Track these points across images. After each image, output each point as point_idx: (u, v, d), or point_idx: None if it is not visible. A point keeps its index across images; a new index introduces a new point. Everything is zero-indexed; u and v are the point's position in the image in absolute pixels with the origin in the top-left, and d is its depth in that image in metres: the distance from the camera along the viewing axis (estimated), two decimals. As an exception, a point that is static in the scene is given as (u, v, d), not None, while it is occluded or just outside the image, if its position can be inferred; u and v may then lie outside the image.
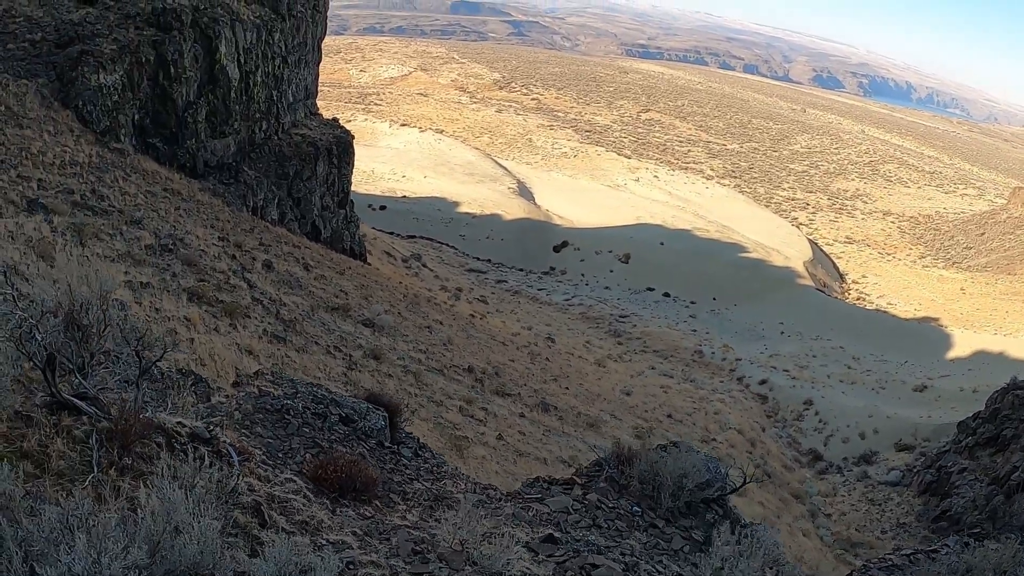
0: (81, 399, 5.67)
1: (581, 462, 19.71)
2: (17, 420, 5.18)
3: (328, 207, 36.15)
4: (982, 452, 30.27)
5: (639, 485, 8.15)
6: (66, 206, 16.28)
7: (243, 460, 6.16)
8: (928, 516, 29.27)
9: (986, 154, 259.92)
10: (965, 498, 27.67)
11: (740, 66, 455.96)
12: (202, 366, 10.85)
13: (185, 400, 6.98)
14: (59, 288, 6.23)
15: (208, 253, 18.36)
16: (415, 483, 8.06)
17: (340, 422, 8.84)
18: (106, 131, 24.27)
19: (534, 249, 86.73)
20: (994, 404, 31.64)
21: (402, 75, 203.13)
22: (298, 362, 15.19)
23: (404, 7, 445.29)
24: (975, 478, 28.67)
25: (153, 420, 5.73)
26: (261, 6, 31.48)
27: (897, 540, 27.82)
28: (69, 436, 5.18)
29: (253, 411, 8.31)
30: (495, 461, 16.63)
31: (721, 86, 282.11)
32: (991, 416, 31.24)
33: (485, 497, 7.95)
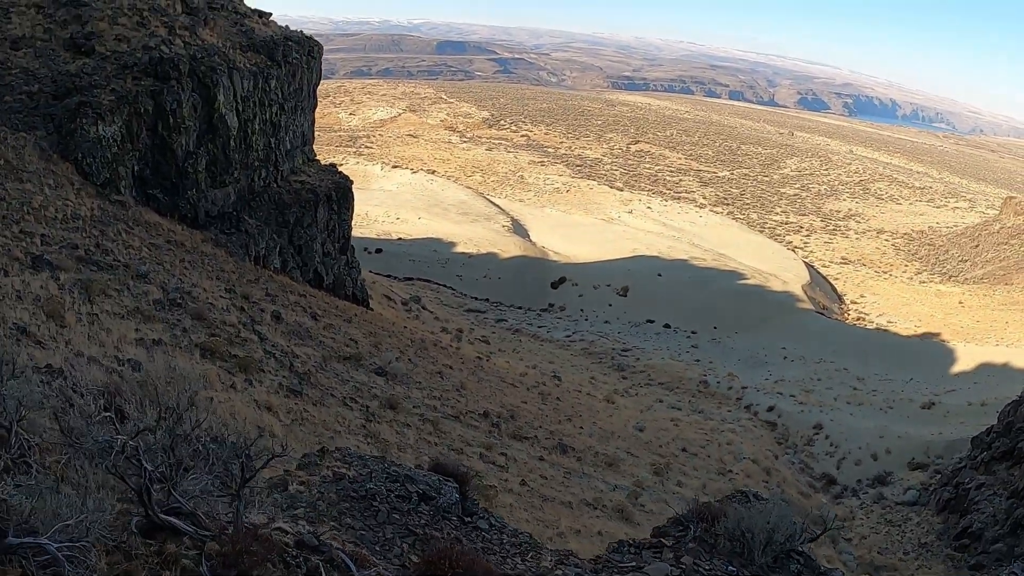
0: (176, 515, 5.09)
1: (605, 504, 19.21)
2: (116, 554, 4.59)
3: (330, 253, 35.81)
4: (998, 466, 29.87)
5: (728, 542, 8.01)
6: (71, 262, 15.93)
7: (360, 567, 5.58)
8: (949, 534, 28.74)
9: (974, 166, 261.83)
10: (985, 513, 27.20)
11: (726, 93, 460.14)
12: (224, 427, 10.38)
13: (259, 488, 6.40)
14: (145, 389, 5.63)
15: (216, 306, 18.00)
16: (510, 561, 7.57)
17: (421, 501, 8.34)
18: (106, 183, 23.97)
19: (532, 286, 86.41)
20: (1007, 417, 31.27)
21: (391, 117, 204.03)
22: (316, 416, 14.78)
23: (390, 49, 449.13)
24: (993, 493, 28.24)
25: (260, 533, 5.14)
26: (257, 54, 31.35)
27: (920, 560, 27.28)
28: (177, 566, 4.58)
29: (338, 500, 7.89)
30: (523, 508, 16.23)
31: (708, 114, 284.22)
32: (1005, 430, 30.85)
33: (581, 570, 7.46)
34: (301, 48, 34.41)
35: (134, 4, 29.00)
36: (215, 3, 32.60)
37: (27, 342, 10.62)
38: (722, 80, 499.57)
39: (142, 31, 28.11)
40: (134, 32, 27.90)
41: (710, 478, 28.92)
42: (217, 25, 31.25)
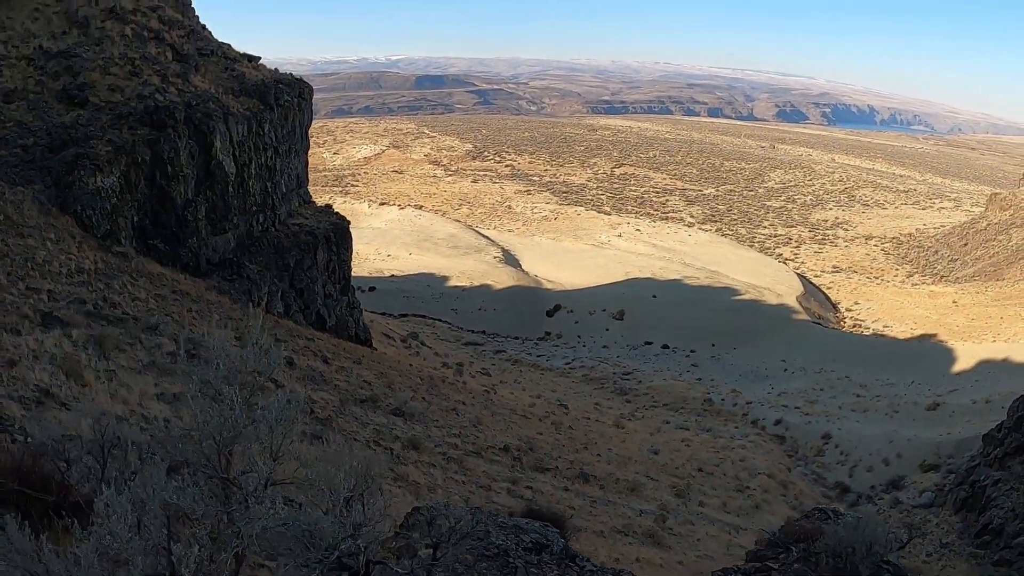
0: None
1: (635, 529, 18.97)
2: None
3: (331, 295, 35.52)
4: (1012, 461, 29.77)
5: (831, 559, 8.14)
6: (80, 317, 15.66)
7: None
8: (970, 533, 28.54)
9: (956, 165, 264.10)
10: (1004, 509, 27.01)
11: (704, 111, 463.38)
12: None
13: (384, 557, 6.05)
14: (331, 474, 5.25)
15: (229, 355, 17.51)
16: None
17: (540, 550, 8.05)
18: (107, 235, 23.68)
19: (527, 316, 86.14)
20: (1017, 412, 31.14)
21: (375, 154, 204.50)
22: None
23: (370, 87, 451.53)
24: (1010, 487, 28.10)
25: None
26: (249, 98, 31.18)
27: (944, 561, 27.04)
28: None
29: (474, 560, 7.64)
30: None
31: (689, 133, 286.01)
32: (1016, 425, 30.74)
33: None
34: (292, 90, 34.28)
35: (125, 53, 28.83)
36: (204, 49, 32.48)
37: (52, 404, 10.31)
38: (700, 98, 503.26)
39: (135, 80, 27.91)
40: (127, 81, 27.69)
41: (730, 496, 28.78)
42: (208, 71, 31.11)
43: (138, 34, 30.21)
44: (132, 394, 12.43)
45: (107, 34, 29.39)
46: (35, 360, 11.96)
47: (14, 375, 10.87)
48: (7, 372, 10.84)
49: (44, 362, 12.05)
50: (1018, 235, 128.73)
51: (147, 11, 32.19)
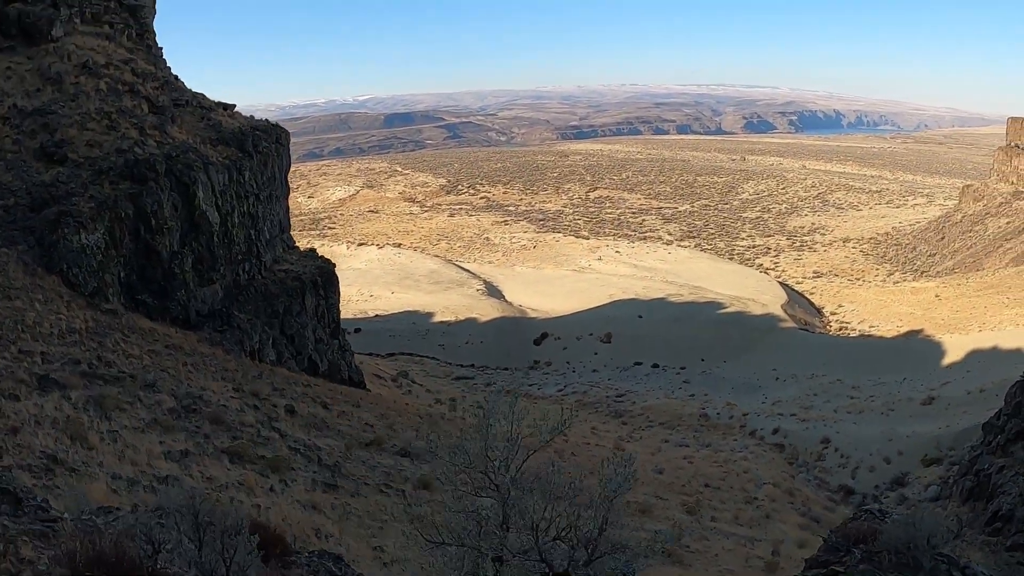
0: None
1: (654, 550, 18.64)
2: None
3: (322, 339, 35.17)
4: (1015, 447, 29.84)
5: (893, 556, 8.35)
6: (76, 378, 15.35)
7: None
8: (980, 521, 28.50)
9: (925, 161, 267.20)
10: (1012, 494, 27.01)
11: (673, 128, 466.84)
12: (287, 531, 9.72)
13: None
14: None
15: (230, 408, 17.42)
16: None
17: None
18: (95, 293, 23.31)
19: (514, 346, 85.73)
20: (1015, 399, 31.23)
21: (350, 195, 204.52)
22: (359, 508, 14.27)
23: (339, 128, 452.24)
24: (1016, 473, 28.15)
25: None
26: (227, 147, 30.96)
27: (957, 552, 26.69)
28: None
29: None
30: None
31: (660, 151, 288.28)
32: (1015, 411, 30.80)
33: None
34: (269, 136, 34.11)
35: (101, 108, 28.55)
36: (179, 100, 32.29)
37: (61, 471, 9.99)
38: (668, 116, 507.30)
39: (113, 134, 27.63)
40: (105, 136, 27.40)
41: (739, 508, 28.62)
42: (185, 122, 30.90)
43: (112, 88, 29.98)
44: (139, 454, 12.15)
45: (82, 89, 29.14)
46: (37, 426, 11.67)
47: (19, 443, 10.57)
48: (11, 440, 10.55)
49: (47, 427, 11.76)
50: (994, 224, 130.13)
51: (120, 64, 31.99)
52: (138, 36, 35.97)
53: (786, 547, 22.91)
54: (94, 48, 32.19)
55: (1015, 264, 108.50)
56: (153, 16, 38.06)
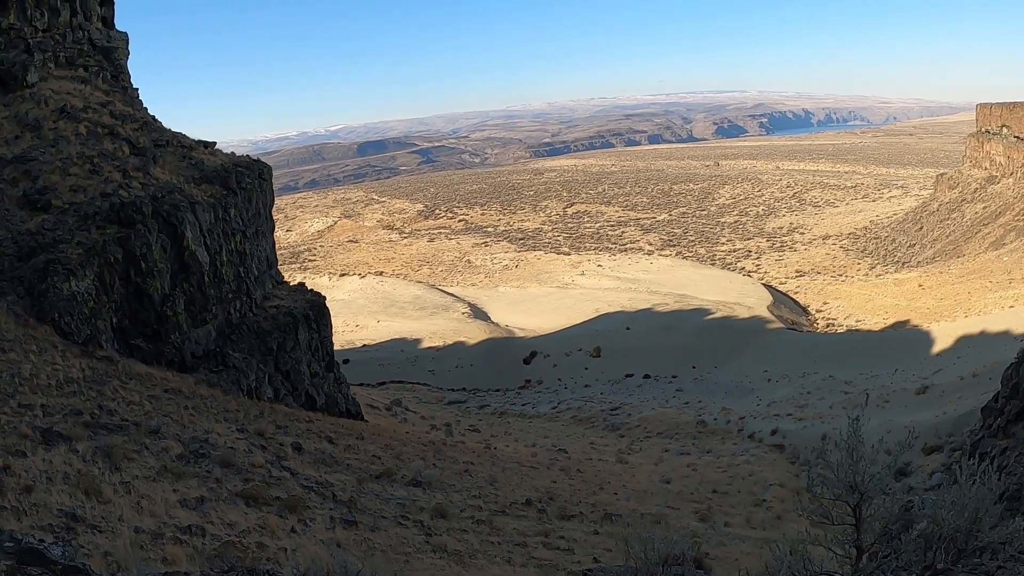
0: None
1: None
2: None
3: (317, 373, 34.81)
4: (1016, 427, 29.74)
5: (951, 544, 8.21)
6: (80, 429, 15.05)
7: None
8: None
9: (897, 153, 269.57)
10: (1017, 474, 26.69)
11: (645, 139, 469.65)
12: None
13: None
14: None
15: (238, 449, 17.15)
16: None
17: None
18: (88, 340, 22.92)
19: (504, 367, 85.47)
20: (1012, 380, 31.15)
21: (328, 226, 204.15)
22: (381, 542, 14.08)
23: (312, 160, 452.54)
24: (1020, 453, 28.00)
25: None
26: (211, 185, 30.65)
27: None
28: None
29: None
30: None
31: (634, 162, 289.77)
32: (1012, 392, 30.73)
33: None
34: (252, 172, 33.82)
35: (82, 152, 28.22)
36: (160, 140, 31.98)
37: (82, 529, 9.68)
38: (639, 127, 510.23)
39: (96, 178, 27.27)
40: (88, 180, 27.05)
41: (751, 511, 28.58)
42: (167, 162, 30.59)
43: (92, 131, 29.65)
44: (155, 504, 11.86)
45: (61, 134, 28.80)
46: (50, 482, 11.35)
47: (34, 502, 10.27)
48: (27, 500, 10.23)
49: (59, 483, 11.45)
50: (970, 211, 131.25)
51: (98, 107, 31.69)
52: (113, 78, 35.72)
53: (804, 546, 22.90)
54: (71, 92, 31.90)
55: (995, 248, 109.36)
56: (127, 57, 37.83)
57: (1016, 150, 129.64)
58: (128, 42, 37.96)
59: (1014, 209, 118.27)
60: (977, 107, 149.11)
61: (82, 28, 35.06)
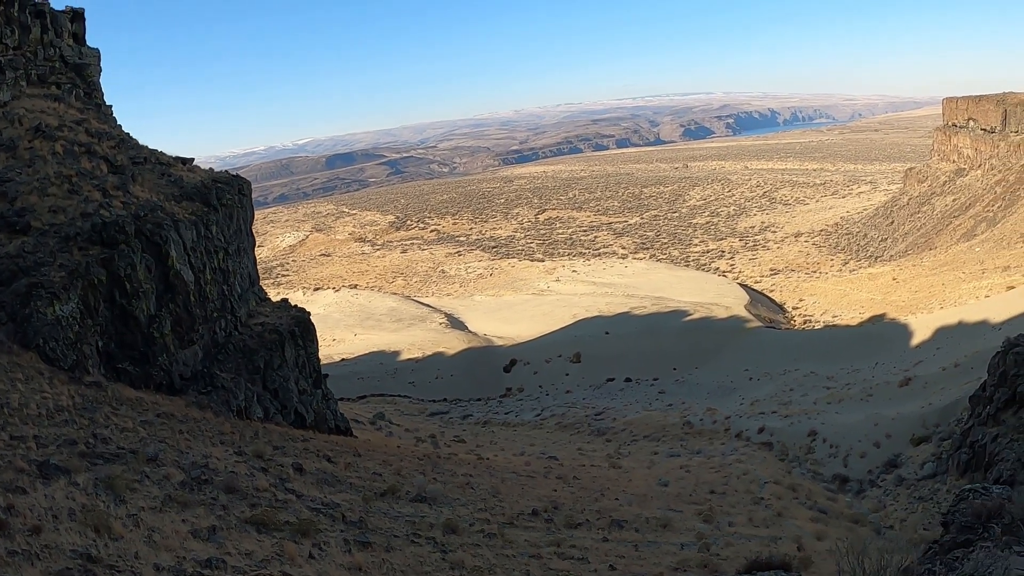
0: None
1: (689, 563, 19.23)
2: None
3: (305, 390, 34.20)
4: (1005, 414, 30.40)
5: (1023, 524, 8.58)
6: (77, 460, 14.54)
7: None
8: None
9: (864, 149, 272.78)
10: (1009, 460, 27.38)
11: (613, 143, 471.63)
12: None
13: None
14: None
15: (240, 474, 16.72)
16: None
17: None
18: (75, 366, 22.23)
19: (485, 376, 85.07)
20: (999, 369, 31.78)
21: (299, 241, 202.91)
22: (399, 562, 13.80)
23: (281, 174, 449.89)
24: (1011, 439, 28.68)
25: None
26: (192, 202, 29.98)
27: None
28: None
29: None
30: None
31: (603, 167, 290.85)
32: (1000, 380, 31.28)
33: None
34: (232, 188, 33.16)
35: (60, 171, 27.47)
36: (137, 157, 31.31)
37: (101, 570, 9.17)
38: (607, 132, 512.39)
39: (76, 198, 26.55)
40: (67, 200, 26.31)
41: (751, 510, 28.61)
42: (146, 179, 29.89)
43: (69, 150, 28.90)
44: (168, 538, 11.38)
45: (37, 154, 28.04)
46: (56, 520, 10.83)
47: (45, 543, 9.75)
48: (37, 542, 9.71)
49: (66, 520, 10.91)
50: (940, 203, 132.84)
51: (73, 125, 30.93)
52: (86, 95, 35.02)
53: (807, 541, 22.94)
54: (44, 110, 31.18)
55: (966, 240, 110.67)
56: (99, 74, 37.13)
57: (983, 142, 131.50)
58: (100, 58, 37.27)
59: (983, 200, 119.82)
60: (943, 101, 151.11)
61: (53, 45, 34.37)
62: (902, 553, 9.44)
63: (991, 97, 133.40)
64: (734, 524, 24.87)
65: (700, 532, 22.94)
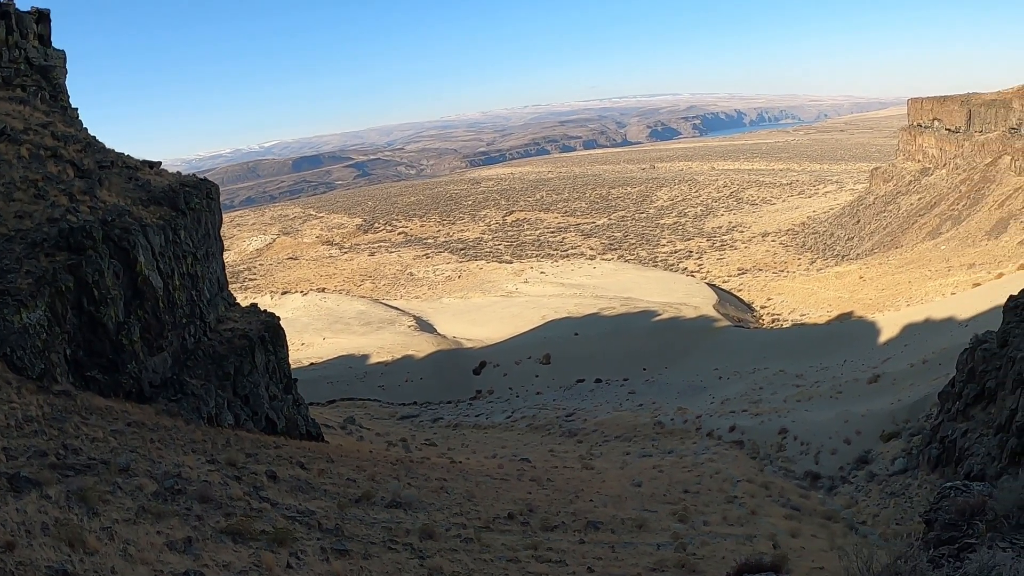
0: None
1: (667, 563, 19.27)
2: None
3: (276, 396, 33.88)
4: (974, 410, 30.90)
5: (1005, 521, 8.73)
6: (48, 472, 14.28)
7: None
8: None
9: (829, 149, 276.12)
10: (979, 455, 27.82)
11: (580, 144, 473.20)
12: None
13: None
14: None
15: (213, 482, 16.55)
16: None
17: None
18: (43, 375, 21.81)
19: (455, 378, 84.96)
20: (967, 365, 32.30)
21: (267, 244, 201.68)
22: (376, 570, 13.72)
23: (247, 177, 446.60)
24: (980, 434, 29.11)
25: None
26: (159, 206, 29.60)
27: None
28: None
29: None
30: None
31: (570, 168, 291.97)
32: (969, 376, 31.80)
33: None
34: (200, 192, 32.78)
35: (26, 176, 26.97)
36: (104, 161, 30.85)
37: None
38: (574, 133, 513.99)
39: (42, 203, 26.08)
40: (34, 205, 25.85)
41: (725, 508, 28.79)
42: (113, 184, 29.47)
43: (35, 154, 28.39)
44: (144, 551, 11.22)
45: (2, 158, 27.48)
46: (30, 535, 10.61)
47: (19, 560, 9.57)
48: (11, 559, 9.53)
49: (39, 535, 10.70)
50: (906, 202, 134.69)
51: (38, 128, 30.40)
52: (52, 98, 34.43)
53: (782, 539, 23.05)
54: (9, 113, 30.59)
55: (931, 238, 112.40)
56: (65, 76, 36.52)
57: (948, 142, 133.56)
58: (66, 60, 36.66)
59: (948, 199, 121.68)
60: (909, 102, 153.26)
61: (18, 47, 33.78)
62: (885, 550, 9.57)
63: (956, 97, 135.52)
64: (709, 523, 25.00)
65: (676, 532, 23.02)
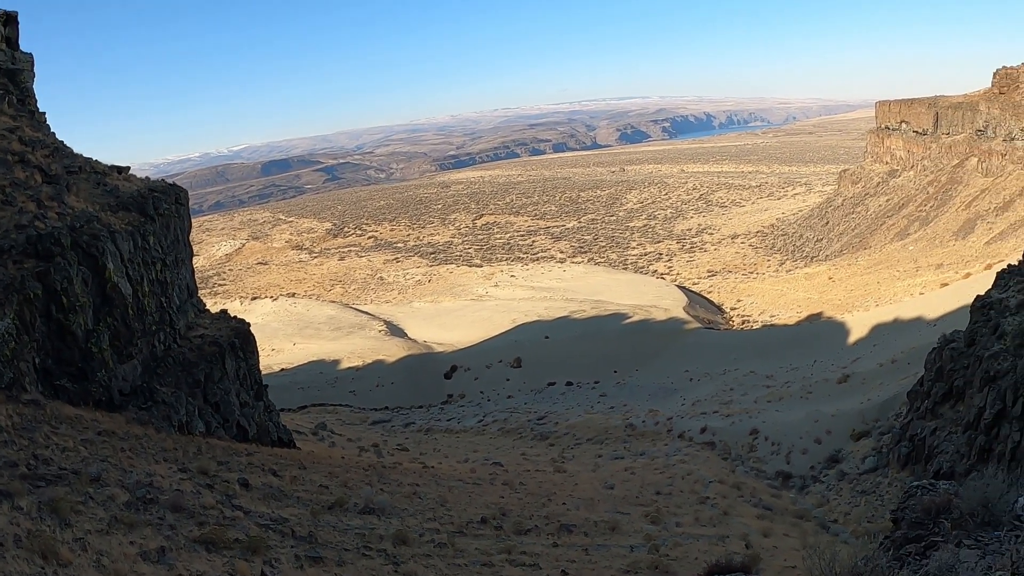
0: None
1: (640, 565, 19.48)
2: None
3: (247, 403, 33.64)
4: (943, 408, 31.28)
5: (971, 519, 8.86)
6: (18, 482, 14.20)
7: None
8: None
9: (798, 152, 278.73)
10: (948, 452, 28.22)
11: (549, 147, 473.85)
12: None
13: None
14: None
15: (185, 491, 16.48)
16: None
17: None
18: (12, 384, 21.55)
19: (426, 383, 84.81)
20: (935, 364, 32.77)
21: (236, 249, 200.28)
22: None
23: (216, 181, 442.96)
24: (948, 432, 29.48)
25: None
26: (128, 212, 29.33)
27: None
28: None
29: None
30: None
31: (540, 171, 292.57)
32: (937, 375, 32.25)
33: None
34: (168, 197, 32.50)
35: (-8, 181, 26.67)
36: (72, 167, 30.47)
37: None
38: (543, 136, 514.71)
39: (9, 209, 25.73)
40: (1, 212, 25.53)
41: (697, 509, 28.95)
42: (81, 189, 29.16)
43: (2, 159, 28.02)
44: (116, 561, 11.19)
45: (-31, 164, 27.21)
46: (2, 547, 10.57)
47: (-8, 575, 9.47)
48: (-16, 573, 9.43)
49: (12, 547, 10.63)
50: (874, 204, 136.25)
51: (6, 133, 29.98)
52: (19, 102, 33.89)
53: (754, 538, 23.24)
54: (-25, 118, 30.24)
55: (900, 239, 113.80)
56: (33, 79, 35.96)
57: (916, 144, 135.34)
58: (34, 63, 36.11)
59: (916, 200, 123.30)
60: (877, 104, 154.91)
61: (-16, 50, 33.29)
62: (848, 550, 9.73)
63: (923, 100, 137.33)
64: (681, 524, 25.13)
65: (648, 534, 23.12)
